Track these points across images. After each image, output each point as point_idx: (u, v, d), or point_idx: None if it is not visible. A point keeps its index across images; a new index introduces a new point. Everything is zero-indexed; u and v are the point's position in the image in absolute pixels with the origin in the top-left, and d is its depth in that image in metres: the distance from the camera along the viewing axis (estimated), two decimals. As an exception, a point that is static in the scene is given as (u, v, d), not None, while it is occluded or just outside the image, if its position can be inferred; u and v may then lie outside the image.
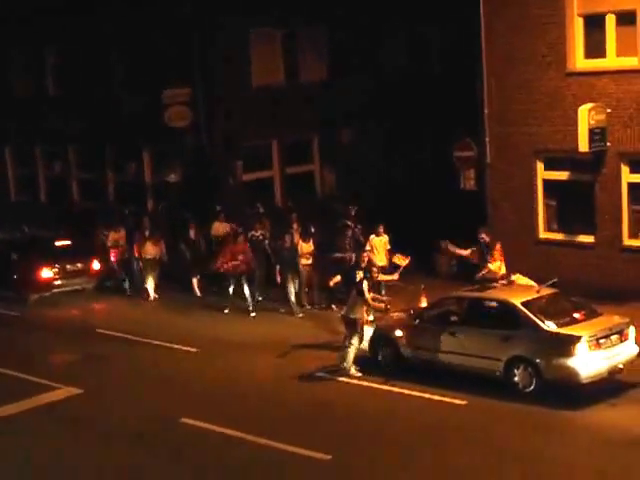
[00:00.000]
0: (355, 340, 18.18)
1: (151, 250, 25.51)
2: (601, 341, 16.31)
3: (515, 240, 22.64)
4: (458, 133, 24.55)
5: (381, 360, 18.33)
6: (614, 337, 16.59)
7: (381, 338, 18.34)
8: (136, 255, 25.93)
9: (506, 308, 17.02)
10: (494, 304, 17.37)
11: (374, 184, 28.30)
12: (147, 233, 25.67)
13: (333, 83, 29.30)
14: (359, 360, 18.46)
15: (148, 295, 25.55)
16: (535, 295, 17.46)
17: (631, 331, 16.95)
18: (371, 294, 18.45)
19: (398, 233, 22.87)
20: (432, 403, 16.71)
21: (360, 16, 28.90)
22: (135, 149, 29.91)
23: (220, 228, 25.69)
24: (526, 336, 16.59)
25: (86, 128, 30.13)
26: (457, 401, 16.61)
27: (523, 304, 16.89)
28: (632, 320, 17.22)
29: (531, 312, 16.70)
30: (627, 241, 21.87)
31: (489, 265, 19.95)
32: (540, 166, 23.11)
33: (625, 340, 16.79)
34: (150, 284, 25.54)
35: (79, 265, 25.99)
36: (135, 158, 30.28)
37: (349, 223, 23.89)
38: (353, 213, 24.40)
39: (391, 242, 22.99)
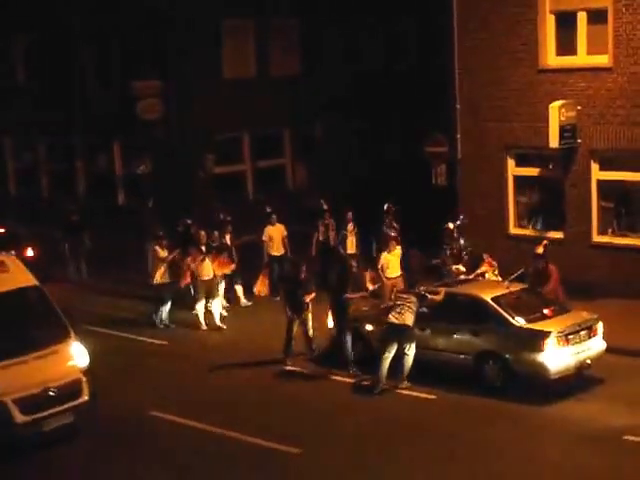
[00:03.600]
0: None
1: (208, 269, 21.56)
2: (570, 337, 16.42)
3: (485, 235, 22.73)
4: (430, 129, 24.61)
5: (352, 354, 18.33)
6: (583, 333, 16.71)
7: (352, 333, 18.33)
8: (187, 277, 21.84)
9: (476, 303, 17.09)
10: (464, 299, 17.43)
11: (346, 179, 28.32)
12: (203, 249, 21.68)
13: (305, 77, 29.28)
14: (329, 355, 18.46)
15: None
16: (505, 291, 17.55)
17: (599, 327, 17.07)
18: None
19: (369, 227, 22.91)
20: (402, 397, 16.77)
21: (333, 9, 28.89)
22: (106, 141, 29.76)
23: (274, 233, 23.35)
24: (496, 331, 16.67)
25: (56, 120, 29.95)
26: (426, 395, 16.67)
27: (493, 299, 16.98)
28: (600, 316, 17.37)
29: (501, 307, 16.79)
30: (596, 237, 22.03)
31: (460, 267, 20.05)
32: (511, 162, 23.22)
33: (594, 336, 16.91)
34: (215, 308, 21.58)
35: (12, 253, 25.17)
36: (105, 150, 30.14)
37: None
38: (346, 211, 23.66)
39: (360, 236, 23.19)
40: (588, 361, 16.65)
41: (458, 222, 21.66)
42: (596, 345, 16.94)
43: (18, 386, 14.51)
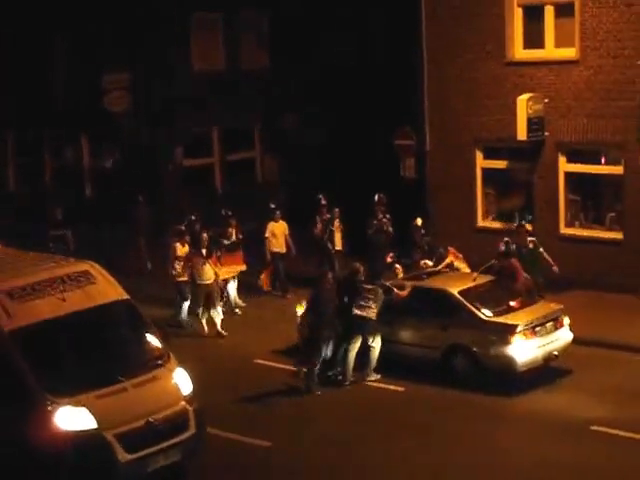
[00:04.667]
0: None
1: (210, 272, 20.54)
2: (537, 329, 16.54)
3: (454, 228, 22.83)
4: (399, 122, 24.64)
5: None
6: (549, 325, 16.82)
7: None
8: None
9: (444, 297, 17.15)
10: (432, 293, 17.47)
11: (316, 172, 28.29)
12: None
13: (275, 69, 29.22)
14: (291, 348, 18.50)
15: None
16: (472, 284, 17.62)
17: (566, 319, 17.19)
18: None
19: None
20: (370, 389, 16.82)
21: (302, 3, 28.83)
22: (73, 134, 29.57)
23: (277, 229, 22.77)
24: (463, 324, 16.74)
25: (23, 112, 29.71)
26: (395, 387, 16.73)
27: (460, 293, 17.05)
28: (567, 307, 17.50)
29: (468, 301, 16.86)
30: (564, 230, 22.17)
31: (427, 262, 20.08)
32: (479, 155, 23.30)
33: (560, 327, 17.02)
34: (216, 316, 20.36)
35: None
36: (73, 143, 29.95)
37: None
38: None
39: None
40: (555, 353, 16.77)
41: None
42: (563, 337, 17.06)
43: (119, 419, 12.50)
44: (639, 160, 20.42)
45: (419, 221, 21.32)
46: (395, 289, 17.41)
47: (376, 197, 22.78)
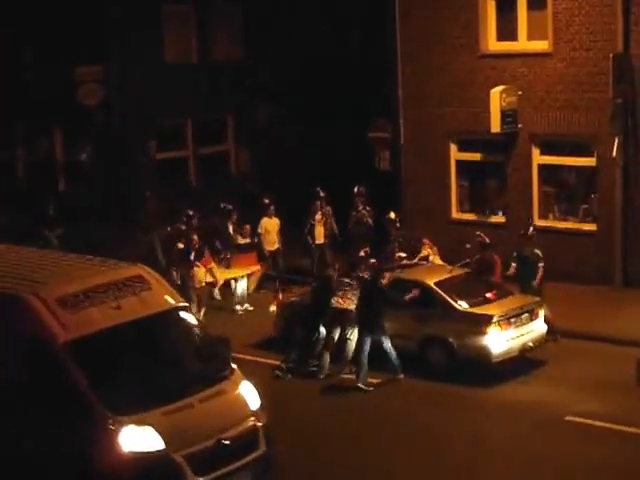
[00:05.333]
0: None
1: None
2: (512, 320, 16.62)
3: (428, 220, 22.91)
4: (374, 114, 24.67)
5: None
6: (525, 316, 16.91)
7: (295, 317, 18.29)
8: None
9: (420, 288, 17.19)
10: (408, 284, 17.52)
11: (290, 165, 28.27)
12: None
13: (248, 62, 29.14)
14: (269, 340, 18.45)
15: None
16: (448, 275, 17.70)
17: (541, 310, 17.28)
18: None
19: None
20: (345, 382, 16.83)
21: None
22: (46, 127, 29.37)
23: (271, 225, 22.45)
24: (439, 315, 16.81)
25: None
26: (371, 379, 16.70)
27: (436, 284, 17.11)
28: (542, 299, 17.62)
29: (444, 292, 16.93)
30: (537, 221, 22.26)
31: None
32: (453, 147, 23.38)
33: (536, 319, 17.12)
34: None
35: None
36: (46, 136, 29.74)
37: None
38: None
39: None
40: (530, 344, 16.87)
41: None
42: (538, 328, 17.16)
43: (187, 438, 11.38)
44: (612, 152, 20.55)
45: (392, 215, 21.34)
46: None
47: (355, 189, 22.78)
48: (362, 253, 19.00)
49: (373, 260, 18.99)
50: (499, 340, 16.36)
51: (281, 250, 22.63)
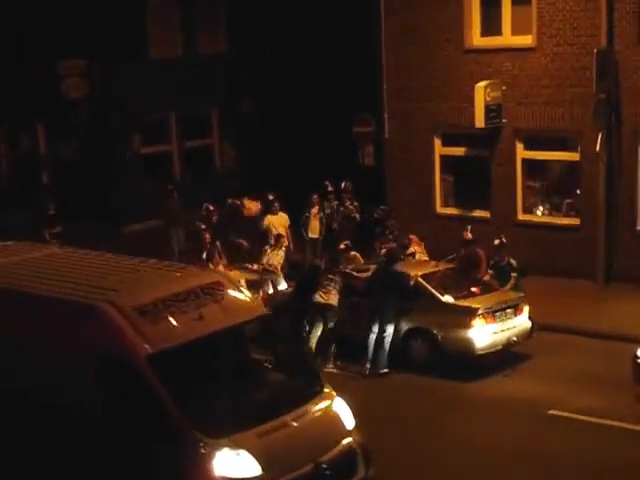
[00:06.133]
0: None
1: None
2: (496, 314, 16.66)
3: (413, 215, 22.94)
4: (358, 109, 24.68)
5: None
6: (509, 311, 16.95)
7: (280, 311, 18.17)
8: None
9: (406, 281, 17.17)
10: (398, 277, 17.49)
11: (275, 159, 28.26)
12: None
13: (233, 56, 29.09)
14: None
15: None
16: (433, 269, 17.74)
17: (525, 305, 17.33)
18: None
19: (298, 208, 22.87)
20: (330, 376, 16.79)
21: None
22: (29, 122, 29.23)
23: (276, 222, 21.74)
24: (424, 308, 16.83)
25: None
26: (353, 374, 16.74)
27: (422, 277, 17.14)
28: (526, 293, 17.66)
29: (429, 284, 16.96)
30: (521, 216, 22.35)
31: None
32: (437, 142, 23.40)
33: (519, 314, 17.17)
34: None
35: None
36: (29, 132, 29.60)
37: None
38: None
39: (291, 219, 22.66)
40: (514, 338, 16.91)
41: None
42: (522, 323, 17.21)
43: (285, 463, 10.31)
44: (595, 147, 20.62)
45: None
46: (355, 273, 17.47)
47: (342, 184, 22.74)
48: (342, 246, 19.00)
49: (354, 253, 19.03)
50: (483, 333, 16.41)
51: (291, 247, 21.79)
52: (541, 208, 22.34)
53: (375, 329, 16.69)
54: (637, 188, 20.78)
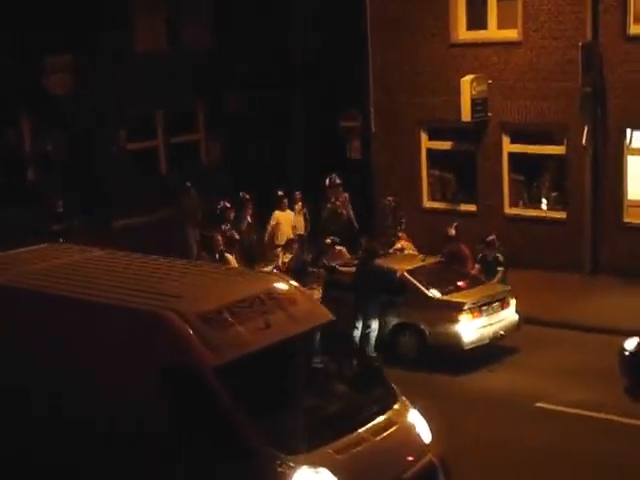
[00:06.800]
0: None
1: None
2: (483, 308, 16.70)
3: (400, 209, 22.91)
4: (345, 103, 24.66)
5: None
6: (496, 305, 17.00)
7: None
8: None
9: (392, 276, 17.21)
10: (380, 272, 17.52)
11: (261, 155, 28.21)
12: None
13: (219, 51, 29.02)
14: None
15: None
16: (420, 263, 17.75)
17: (512, 298, 17.38)
18: None
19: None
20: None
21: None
22: (14, 117, 29.11)
23: (284, 219, 21.60)
24: (411, 303, 16.85)
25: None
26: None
27: (408, 272, 17.15)
28: (512, 287, 17.70)
29: (416, 279, 16.97)
30: (508, 209, 22.40)
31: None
32: (424, 136, 23.42)
33: (506, 307, 17.21)
34: None
35: None
36: (14, 126, 29.48)
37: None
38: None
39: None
40: (501, 332, 16.95)
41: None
42: (509, 317, 17.25)
43: None
44: (581, 140, 20.66)
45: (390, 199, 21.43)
46: (340, 268, 17.48)
47: (327, 180, 22.64)
48: (328, 241, 18.99)
49: (340, 248, 19.02)
50: (470, 327, 16.45)
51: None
52: (528, 202, 22.38)
53: (359, 325, 16.72)
54: (623, 181, 20.86)
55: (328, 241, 18.96)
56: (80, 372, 10.21)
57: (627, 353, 15.06)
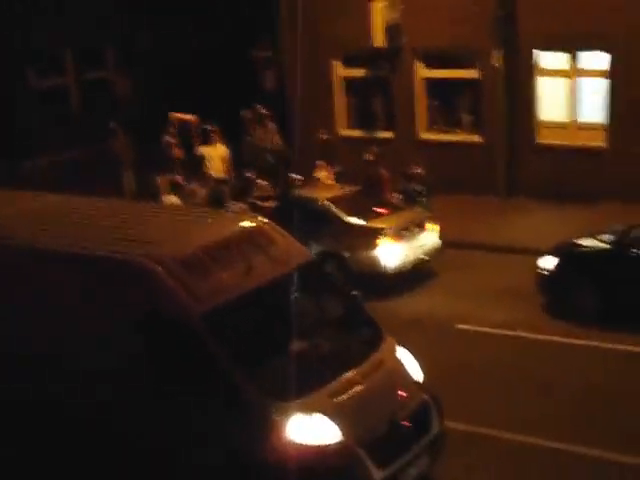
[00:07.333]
0: None
1: None
2: (404, 233, 16.86)
3: (316, 138, 22.89)
4: (257, 33, 24.39)
5: None
6: (416, 229, 17.17)
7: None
8: None
9: (313, 205, 17.18)
10: (301, 202, 17.52)
11: (175, 90, 27.80)
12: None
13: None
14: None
15: None
16: (340, 192, 17.80)
17: (431, 223, 17.55)
18: None
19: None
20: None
21: None
22: None
23: (213, 153, 21.00)
24: (333, 232, 16.92)
25: None
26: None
27: (329, 200, 17.21)
28: (432, 212, 17.89)
29: (337, 207, 17.04)
30: (423, 135, 22.54)
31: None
32: (338, 64, 23.33)
33: (426, 232, 17.39)
34: None
35: None
36: None
37: None
38: None
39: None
40: (422, 256, 17.15)
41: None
42: (430, 241, 17.45)
43: (362, 424, 9.27)
44: (494, 64, 20.80)
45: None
46: (259, 202, 17.45)
47: (245, 112, 22.44)
48: (249, 175, 18.90)
49: (261, 181, 18.97)
50: (391, 253, 16.60)
51: (229, 180, 20.89)
52: (443, 127, 22.52)
53: None
54: (535, 103, 21.10)
55: (250, 175, 18.87)
56: (58, 324, 9.77)
57: (543, 272, 15.41)
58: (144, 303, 9.39)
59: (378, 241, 16.50)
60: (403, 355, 10.49)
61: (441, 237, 17.70)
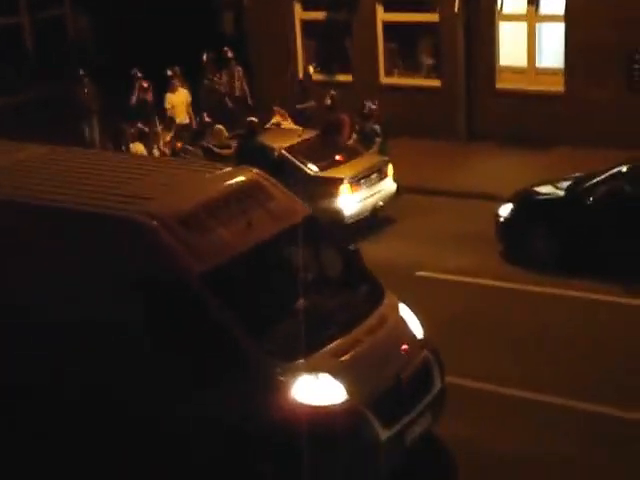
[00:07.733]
0: None
1: None
2: (362, 181, 16.83)
3: (276, 82, 22.73)
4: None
5: None
6: (374, 176, 17.14)
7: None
8: None
9: (269, 153, 17.06)
10: (256, 150, 17.33)
11: (132, 31, 27.34)
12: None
13: None
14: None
15: None
16: (297, 140, 17.63)
17: (390, 169, 17.55)
18: None
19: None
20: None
21: None
22: None
23: (176, 99, 20.92)
24: (290, 180, 16.75)
25: None
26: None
27: (286, 149, 17.09)
28: (391, 156, 17.85)
29: (294, 157, 16.94)
30: (383, 79, 22.43)
31: None
32: (298, 7, 23.09)
33: (385, 178, 17.39)
34: None
35: None
36: None
37: None
38: None
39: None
40: (380, 203, 17.17)
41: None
42: (387, 187, 17.45)
43: (368, 383, 9.15)
44: (454, 7, 20.66)
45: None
46: (216, 149, 17.30)
47: (204, 56, 22.10)
48: (207, 118, 18.70)
49: (219, 126, 18.79)
50: (350, 201, 16.60)
51: (191, 125, 20.85)
52: (403, 71, 22.41)
53: None
54: (495, 48, 21.03)
55: (207, 119, 18.67)
56: (55, 282, 9.48)
57: (501, 219, 15.50)
58: (143, 262, 9.12)
59: (337, 191, 16.46)
60: (404, 312, 10.33)
61: (400, 182, 17.67)
